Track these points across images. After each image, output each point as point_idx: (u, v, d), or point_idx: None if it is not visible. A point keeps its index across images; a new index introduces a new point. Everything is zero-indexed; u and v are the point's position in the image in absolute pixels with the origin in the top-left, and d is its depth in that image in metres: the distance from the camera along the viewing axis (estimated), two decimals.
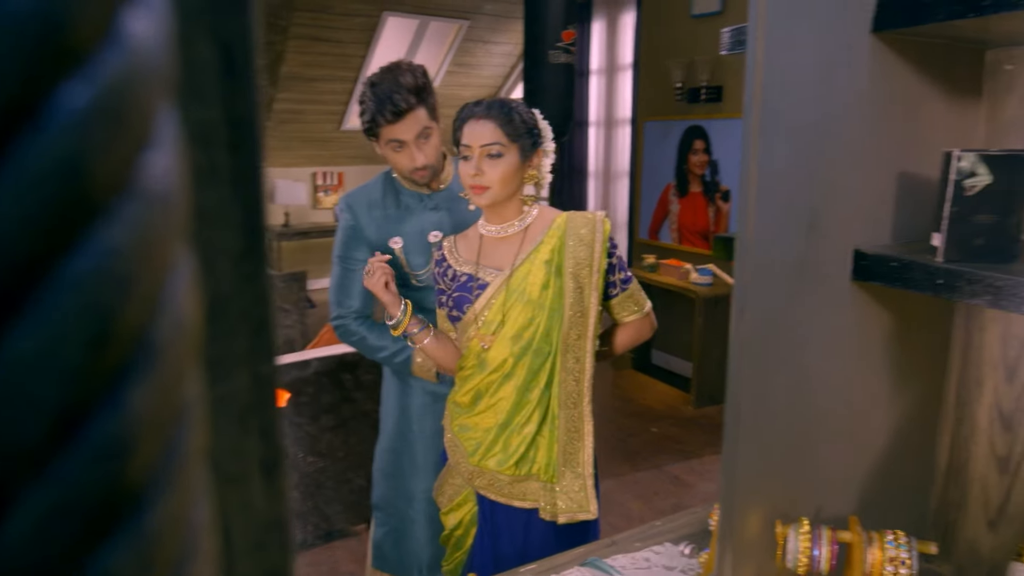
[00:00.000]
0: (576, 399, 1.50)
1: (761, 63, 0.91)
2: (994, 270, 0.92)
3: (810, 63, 0.97)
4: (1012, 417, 1.18)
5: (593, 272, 1.46)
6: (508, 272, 1.49)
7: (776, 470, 1.08)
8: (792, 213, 0.99)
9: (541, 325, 1.48)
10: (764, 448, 1.05)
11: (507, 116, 1.45)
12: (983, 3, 0.90)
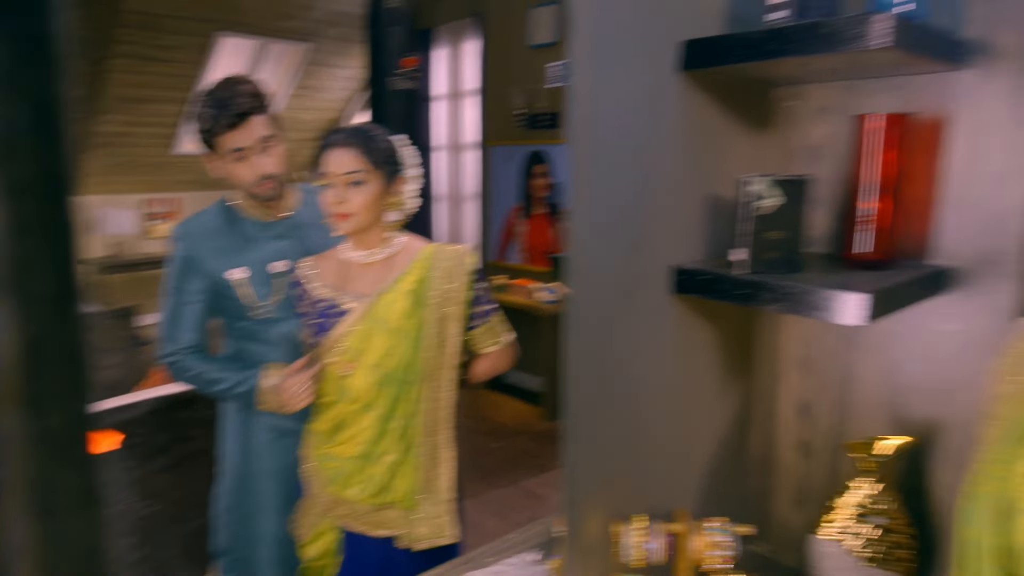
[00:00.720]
0: (437, 427, 1.52)
1: (580, 98, 1.00)
2: (785, 279, 1.05)
3: (627, 97, 1.07)
4: (809, 407, 1.35)
5: (455, 304, 1.49)
6: (371, 299, 1.49)
7: (613, 474, 1.16)
8: (617, 233, 1.08)
9: (402, 354, 1.48)
10: (601, 454, 1.12)
11: (369, 144, 1.45)
12: (765, 50, 1.04)
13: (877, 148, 1.10)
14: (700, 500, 1.30)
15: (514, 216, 4.89)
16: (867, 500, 1.17)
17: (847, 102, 1.24)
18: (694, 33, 1.12)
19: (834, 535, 1.18)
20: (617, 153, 1.06)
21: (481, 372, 1.66)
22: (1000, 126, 1.07)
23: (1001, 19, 1.06)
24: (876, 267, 1.13)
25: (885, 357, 1.24)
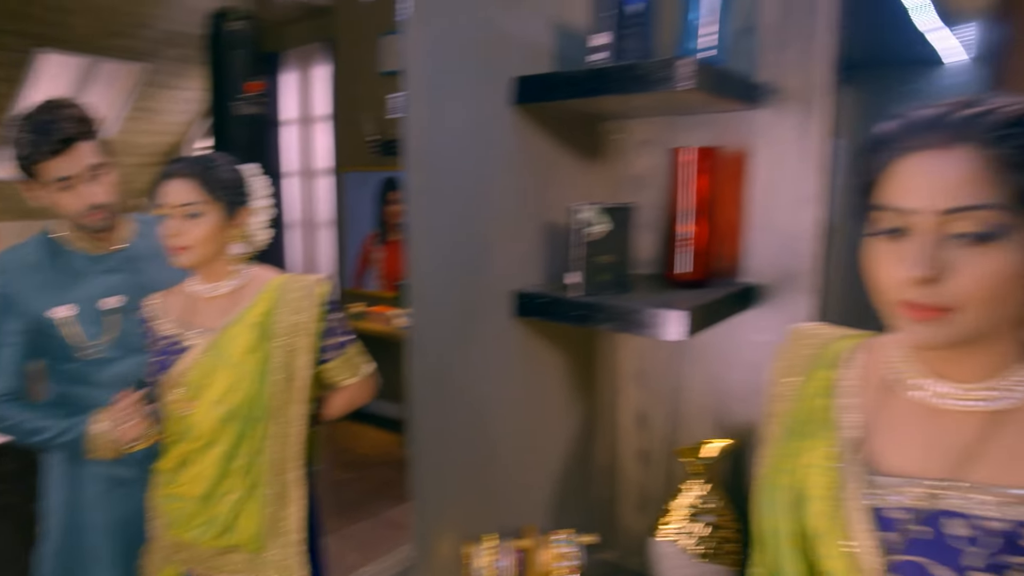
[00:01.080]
0: (286, 465, 1.47)
1: (416, 130, 1.03)
2: (615, 300, 1.13)
3: (462, 129, 1.11)
4: (646, 417, 1.44)
5: (305, 336, 1.45)
6: (214, 334, 1.42)
7: (462, 496, 1.18)
8: (458, 260, 1.12)
9: (247, 390, 1.42)
10: (449, 478, 1.14)
11: (208, 174, 1.39)
12: (587, 87, 1.12)
13: (691, 178, 1.21)
14: (549, 513, 1.35)
15: (370, 243, 4.84)
16: (697, 501, 1.26)
17: (666, 136, 1.36)
18: (525, 70, 1.18)
19: (670, 536, 1.27)
20: (454, 183, 1.10)
21: (338, 406, 1.62)
22: (790, 159, 1.21)
23: (787, 66, 1.21)
24: (695, 286, 1.24)
25: (709, 367, 1.35)
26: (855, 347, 0.81)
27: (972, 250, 0.61)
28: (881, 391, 0.75)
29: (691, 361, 1.38)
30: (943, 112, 0.63)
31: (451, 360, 1.12)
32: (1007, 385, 0.67)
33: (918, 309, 0.63)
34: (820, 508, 0.73)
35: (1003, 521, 0.63)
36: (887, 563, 0.67)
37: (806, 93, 1.20)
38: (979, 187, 0.60)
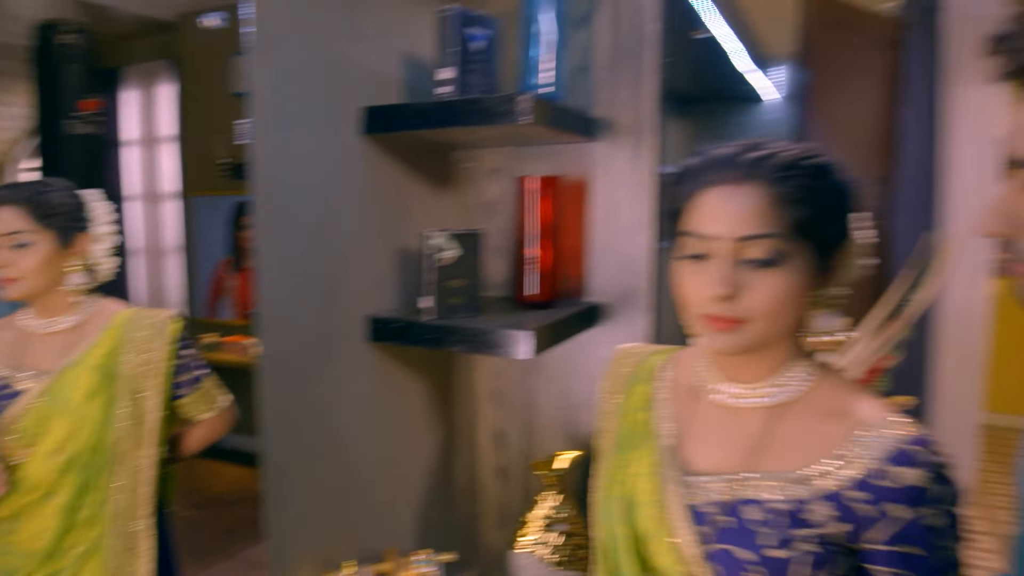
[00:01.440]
0: (134, 513, 1.38)
1: (262, 157, 1.03)
2: (467, 322, 1.18)
3: (312, 157, 1.12)
4: (502, 436, 1.49)
5: (154, 376, 1.37)
6: (50, 377, 1.31)
7: (321, 526, 1.17)
8: (310, 288, 1.12)
9: (88, 438, 1.32)
10: (306, 508, 1.13)
11: (37, 200, 1.29)
12: (434, 119, 1.16)
13: (535, 205, 1.29)
14: (412, 535, 1.37)
15: (223, 270, 4.63)
16: (551, 511, 1.32)
17: (514, 165, 1.43)
18: (376, 100, 1.21)
19: (528, 547, 1.32)
20: (304, 209, 1.10)
21: (197, 441, 1.54)
22: (625, 187, 1.32)
23: (620, 103, 1.32)
24: (543, 306, 1.31)
25: (559, 383, 1.43)
26: (666, 361, 0.91)
27: (760, 272, 0.71)
28: (690, 398, 0.84)
29: (543, 378, 1.45)
30: (736, 152, 0.73)
31: (305, 388, 1.11)
32: (783, 382, 0.77)
33: (718, 321, 0.72)
34: (648, 512, 0.81)
35: (787, 502, 0.73)
36: (703, 553, 0.75)
37: (636, 127, 1.31)
38: (765, 219, 0.70)
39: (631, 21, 1.29)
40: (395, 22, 1.28)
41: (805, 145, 0.75)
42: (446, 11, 1.17)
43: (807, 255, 0.72)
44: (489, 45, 1.22)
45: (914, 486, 0.69)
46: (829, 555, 0.72)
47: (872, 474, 0.70)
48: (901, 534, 0.70)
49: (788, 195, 0.70)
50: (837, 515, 0.71)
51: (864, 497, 0.70)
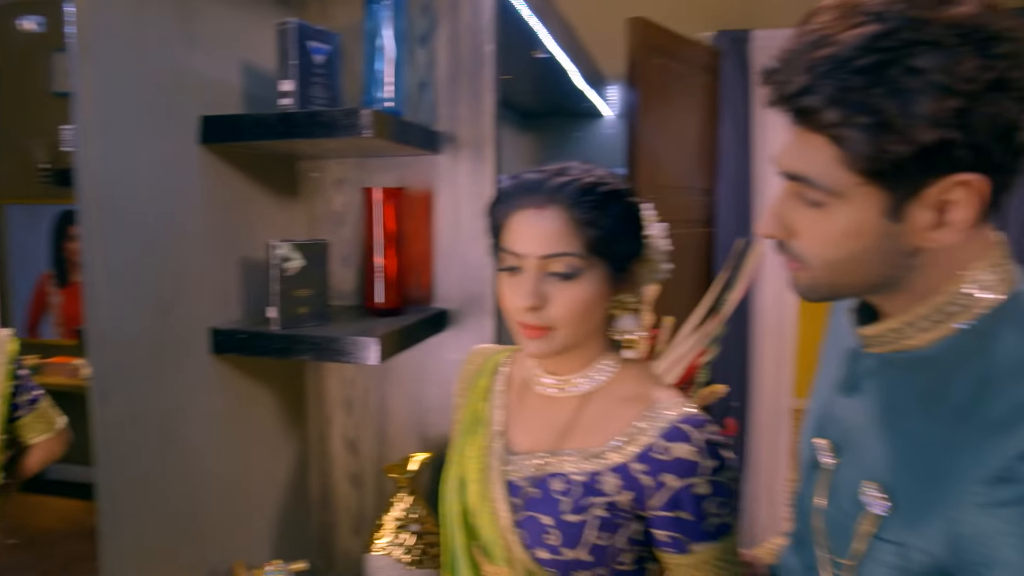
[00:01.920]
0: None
1: (90, 166, 0.99)
2: (314, 331, 1.19)
3: (146, 165, 1.09)
4: (355, 442, 1.51)
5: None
6: None
7: (165, 549, 1.13)
8: (144, 300, 1.09)
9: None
10: (148, 534, 1.10)
11: None
12: (277, 131, 1.17)
13: (381, 215, 1.33)
14: (268, 547, 1.35)
15: (45, 285, 4.23)
16: (404, 513, 1.36)
17: (360, 176, 1.46)
18: (216, 110, 1.20)
19: (383, 549, 1.35)
20: (136, 219, 1.08)
21: (34, 465, 1.43)
22: (467, 198, 1.39)
23: (460, 118, 1.39)
24: (391, 314, 1.35)
25: (410, 387, 1.47)
26: (507, 358, 1.00)
27: (561, 284, 0.82)
28: (522, 390, 0.95)
29: (394, 383, 1.48)
30: (543, 179, 0.83)
31: (143, 408, 1.08)
32: (591, 374, 0.89)
33: (530, 329, 0.83)
34: (474, 488, 0.91)
35: (584, 474, 0.84)
36: (514, 520, 0.86)
37: (477, 141, 1.39)
38: (564, 239, 0.81)
39: (470, 41, 1.37)
40: (235, 32, 1.27)
41: (602, 172, 0.86)
42: (286, 24, 1.19)
43: (602, 268, 0.83)
44: (330, 59, 1.25)
45: (684, 459, 0.81)
46: (617, 520, 0.83)
47: (651, 448, 0.82)
48: (673, 500, 0.81)
49: (583, 219, 0.81)
50: (623, 484, 0.82)
51: (644, 468, 0.82)
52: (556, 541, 0.83)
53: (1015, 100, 0.59)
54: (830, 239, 0.66)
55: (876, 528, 0.66)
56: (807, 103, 0.62)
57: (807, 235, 0.68)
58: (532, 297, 0.82)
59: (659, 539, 0.84)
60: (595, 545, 0.82)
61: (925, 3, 0.59)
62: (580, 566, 0.83)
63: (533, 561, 0.84)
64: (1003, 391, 0.59)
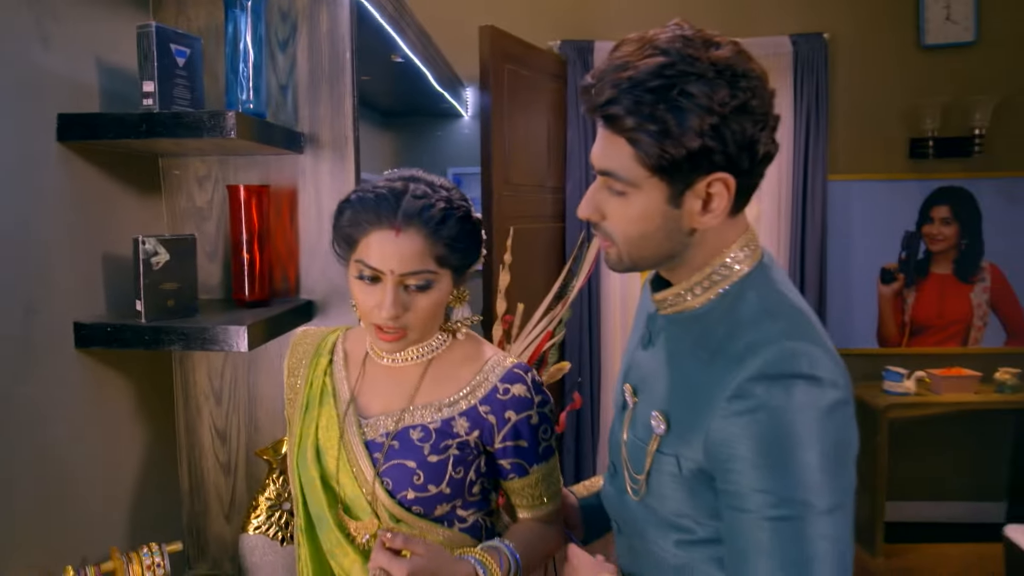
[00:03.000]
0: None
1: None
2: (183, 323, 1.25)
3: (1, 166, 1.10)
4: (225, 432, 1.57)
5: None
6: None
7: (32, 540, 1.15)
8: (5, 299, 1.10)
9: None
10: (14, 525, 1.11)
11: None
12: (139, 130, 1.22)
13: (245, 211, 1.39)
14: (141, 536, 1.38)
15: None
16: (275, 493, 1.44)
17: (224, 172, 1.51)
18: (72, 109, 1.22)
19: (257, 529, 1.42)
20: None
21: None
22: (329, 195, 1.49)
23: (320, 120, 1.48)
24: (259, 305, 1.42)
25: (278, 375, 1.54)
26: (340, 338, 1.14)
27: (417, 294, 0.96)
28: (363, 363, 1.08)
29: (262, 372, 1.55)
30: (396, 199, 0.95)
31: (8, 403, 1.10)
32: (429, 346, 1.05)
33: (387, 334, 0.98)
34: (332, 454, 1.03)
35: (437, 421, 1.00)
36: (378, 472, 0.99)
37: (337, 142, 1.48)
38: (420, 259, 0.95)
39: (328, 48, 1.47)
40: (92, 33, 1.29)
41: (448, 190, 1.00)
42: (147, 27, 1.23)
43: (448, 276, 0.99)
44: (191, 61, 1.30)
45: (520, 396, 1.00)
46: (468, 456, 1.00)
47: (494, 391, 1.00)
48: (514, 431, 0.99)
49: (438, 240, 0.95)
50: (471, 425, 0.99)
51: (488, 409, 1.00)
52: (421, 480, 0.97)
53: (754, 122, 0.79)
54: (630, 220, 0.84)
55: (658, 445, 0.85)
56: (612, 111, 0.80)
57: (613, 217, 0.86)
58: (394, 308, 0.94)
59: (503, 468, 1.01)
60: (452, 479, 0.98)
61: (697, 45, 0.79)
62: (442, 499, 0.98)
63: (398, 505, 0.98)
64: (742, 335, 0.80)
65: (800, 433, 0.73)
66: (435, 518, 1.01)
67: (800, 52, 3.34)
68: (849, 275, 3.61)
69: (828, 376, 0.76)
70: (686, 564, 0.85)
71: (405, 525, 0.99)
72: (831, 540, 0.73)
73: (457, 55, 2.91)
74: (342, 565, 1.03)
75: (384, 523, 1.00)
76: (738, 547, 0.77)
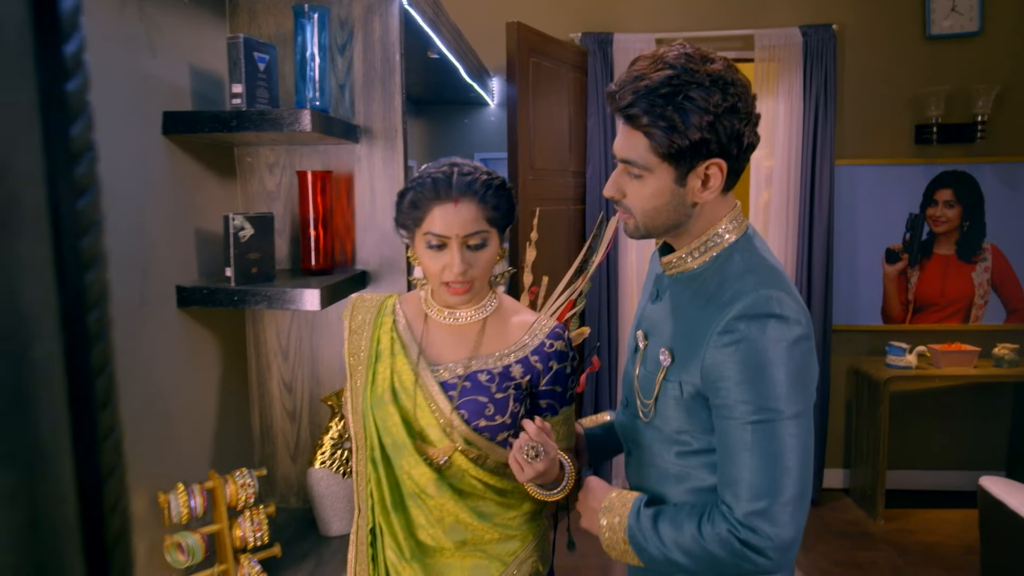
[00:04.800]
0: None
1: None
2: (264, 287, 1.49)
3: (122, 157, 1.35)
4: (291, 384, 1.82)
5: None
6: None
7: (148, 465, 1.41)
8: (125, 268, 1.35)
9: None
10: (133, 453, 1.37)
11: None
12: (230, 125, 1.45)
13: (311, 194, 1.63)
14: (224, 464, 1.64)
15: None
16: (336, 434, 1.69)
17: (290, 160, 1.75)
18: (172, 107, 1.46)
19: (322, 463, 1.67)
20: (122, 201, 1.34)
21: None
22: (381, 179, 1.72)
23: (373, 114, 1.71)
24: (323, 273, 1.66)
25: (337, 335, 1.79)
26: (396, 301, 1.34)
27: (477, 252, 1.18)
28: (424, 321, 1.29)
29: (323, 333, 1.80)
30: (448, 177, 1.16)
31: (125, 357, 1.35)
32: (483, 307, 1.26)
33: (457, 288, 1.18)
34: (408, 394, 1.24)
35: (498, 367, 1.21)
36: (454, 406, 1.20)
37: (388, 133, 1.72)
38: (477, 221, 1.16)
39: (381, 52, 1.69)
40: (186, 41, 1.53)
41: (485, 168, 1.22)
42: (235, 38, 1.47)
43: (496, 234, 1.21)
44: (268, 66, 1.54)
45: (561, 350, 1.21)
46: (520, 395, 1.23)
47: (542, 345, 1.21)
48: (553, 378, 1.22)
49: (486, 205, 1.17)
50: (523, 371, 1.21)
51: (538, 359, 1.21)
52: (491, 412, 1.20)
53: (740, 119, 1.01)
54: (646, 197, 1.07)
55: (664, 374, 1.08)
56: (631, 112, 1.02)
57: (632, 195, 1.08)
58: (462, 264, 1.16)
59: (541, 406, 1.24)
60: (511, 412, 1.21)
61: (696, 61, 1.01)
62: (503, 428, 1.21)
63: (472, 431, 1.20)
64: (729, 286, 1.02)
65: (772, 358, 0.96)
66: (497, 442, 1.24)
67: (810, 43, 3.51)
68: (855, 255, 3.79)
69: (793, 316, 0.98)
70: (684, 471, 1.09)
71: (475, 447, 1.22)
72: (796, 438, 0.97)
73: (484, 47, 3.12)
74: (418, 482, 1.25)
75: (458, 446, 1.22)
76: (727, 446, 1.00)
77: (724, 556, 1.00)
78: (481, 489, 1.23)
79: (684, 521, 1.04)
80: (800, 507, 0.98)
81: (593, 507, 1.17)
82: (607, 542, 1.14)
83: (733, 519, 0.99)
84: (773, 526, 0.97)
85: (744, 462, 0.98)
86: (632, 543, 1.09)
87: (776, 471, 0.97)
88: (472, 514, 1.22)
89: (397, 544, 1.26)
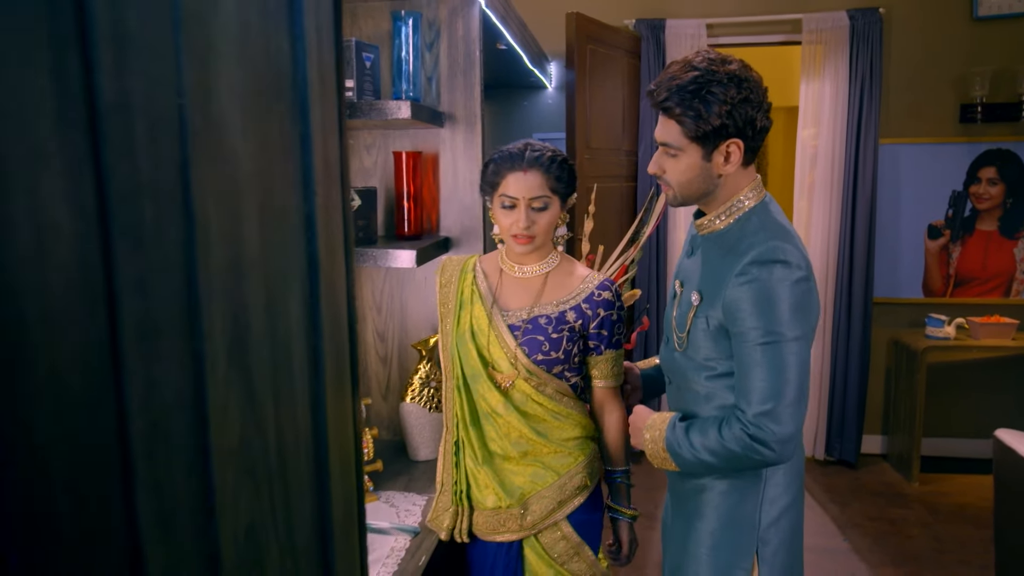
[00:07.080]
0: None
1: None
2: (370, 248, 1.80)
3: None
4: (384, 334, 2.14)
5: None
6: None
7: None
8: None
9: None
10: None
11: None
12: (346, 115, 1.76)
13: (404, 171, 1.93)
14: None
15: None
16: (425, 374, 2.00)
17: (385, 142, 2.05)
18: None
19: (412, 399, 1.99)
20: None
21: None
22: (462, 159, 2.01)
23: (456, 102, 1.99)
24: (414, 239, 1.96)
25: (423, 292, 2.10)
26: (477, 260, 1.63)
27: (540, 213, 1.46)
28: (500, 275, 1.58)
29: (411, 290, 2.11)
30: (522, 151, 1.45)
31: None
32: (547, 263, 1.55)
33: (522, 239, 1.47)
34: (484, 333, 1.54)
35: (556, 313, 1.50)
36: (518, 343, 1.50)
37: (468, 119, 2.00)
38: (541, 188, 1.44)
39: (464, 48, 1.97)
40: None
41: (551, 146, 1.50)
42: (348, 41, 1.76)
43: (557, 200, 1.49)
44: (373, 63, 1.83)
45: (608, 299, 1.50)
46: (573, 336, 1.51)
47: (591, 295, 1.50)
48: (600, 322, 1.50)
49: (550, 175, 1.45)
50: (576, 316, 1.50)
51: (588, 307, 1.50)
52: (547, 348, 1.50)
53: (753, 107, 1.27)
54: (680, 172, 1.34)
55: (695, 312, 1.35)
56: (666, 105, 1.29)
57: (670, 171, 1.35)
58: (526, 220, 1.46)
59: (591, 346, 1.53)
60: (565, 349, 1.50)
61: (717, 63, 1.27)
62: (557, 362, 1.50)
63: (532, 363, 1.50)
64: (746, 240, 1.29)
65: (778, 293, 1.23)
66: (553, 373, 1.53)
67: (857, 26, 3.65)
68: (898, 231, 3.94)
69: (795, 261, 1.24)
70: (711, 391, 1.36)
71: (535, 376, 1.52)
72: (796, 355, 1.23)
73: (543, 33, 3.36)
74: (490, 403, 1.56)
75: (521, 374, 1.52)
76: (741, 363, 1.27)
77: (739, 451, 1.27)
78: (541, 412, 1.52)
79: (709, 428, 1.31)
80: (798, 409, 1.25)
81: (639, 426, 1.45)
82: (650, 452, 1.42)
83: (745, 420, 1.26)
84: (777, 424, 1.23)
85: (755, 375, 1.25)
86: (669, 450, 1.37)
87: (779, 381, 1.23)
88: (533, 431, 1.52)
89: (474, 453, 1.57)
